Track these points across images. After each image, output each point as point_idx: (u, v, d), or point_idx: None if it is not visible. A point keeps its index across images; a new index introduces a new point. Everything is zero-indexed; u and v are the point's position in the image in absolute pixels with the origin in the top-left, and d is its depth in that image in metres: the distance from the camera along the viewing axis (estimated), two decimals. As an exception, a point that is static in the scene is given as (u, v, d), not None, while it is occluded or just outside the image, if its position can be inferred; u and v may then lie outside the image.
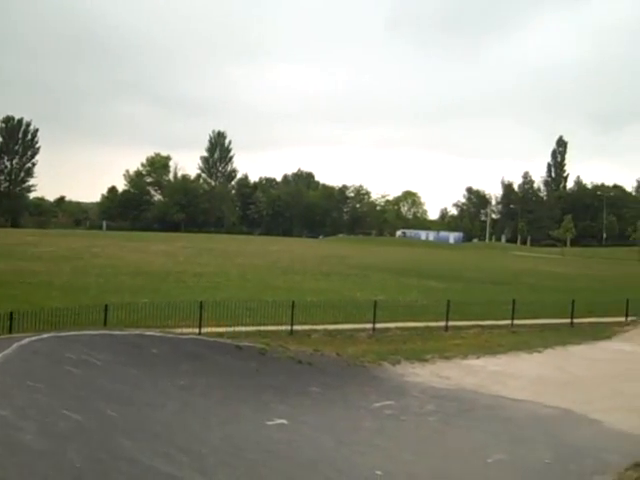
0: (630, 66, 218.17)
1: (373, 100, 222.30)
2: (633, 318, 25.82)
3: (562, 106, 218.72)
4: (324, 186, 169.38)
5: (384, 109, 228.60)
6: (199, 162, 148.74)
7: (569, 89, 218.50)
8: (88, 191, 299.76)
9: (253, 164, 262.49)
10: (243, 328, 20.17)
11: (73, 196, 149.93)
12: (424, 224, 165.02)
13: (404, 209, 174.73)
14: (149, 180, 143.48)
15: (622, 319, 26.69)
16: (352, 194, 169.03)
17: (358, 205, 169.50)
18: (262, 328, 20.63)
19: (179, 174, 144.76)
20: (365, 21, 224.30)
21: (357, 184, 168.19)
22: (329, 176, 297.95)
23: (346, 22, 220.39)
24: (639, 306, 27.13)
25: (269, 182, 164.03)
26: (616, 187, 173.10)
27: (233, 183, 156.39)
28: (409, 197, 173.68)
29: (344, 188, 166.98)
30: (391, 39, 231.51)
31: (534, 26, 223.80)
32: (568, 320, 26.56)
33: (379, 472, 9.99)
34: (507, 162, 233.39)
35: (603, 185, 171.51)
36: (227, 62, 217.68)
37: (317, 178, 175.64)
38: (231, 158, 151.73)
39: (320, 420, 12.51)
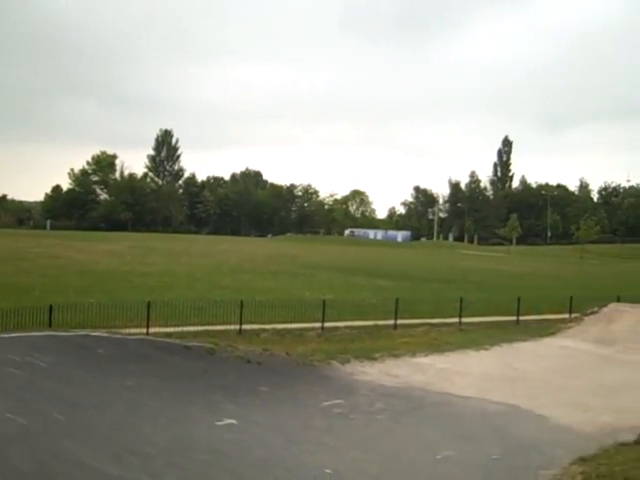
0: (575, 67, 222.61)
1: (323, 99, 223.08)
2: (576, 315, 26.29)
3: (509, 106, 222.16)
4: (272, 185, 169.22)
5: (334, 108, 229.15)
6: (146, 161, 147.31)
7: (516, 89, 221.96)
8: (31, 190, 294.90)
9: (201, 163, 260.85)
10: (191, 328, 20.02)
11: (15, 195, 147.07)
12: (372, 223, 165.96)
13: (352, 208, 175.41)
14: (95, 179, 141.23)
15: (566, 316, 27.17)
16: (300, 193, 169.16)
17: (306, 204, 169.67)
18: (210, 328, 20.49)
19: (125, 173, 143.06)
20: (318, 19, 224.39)
21: (305, 183, 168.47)
22: (277, 175, 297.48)
23: (298, 20, 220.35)
24: (582, 303, 27.63)
25: (217, 181, 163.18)
26: (560, 186, 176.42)
27: (181, 182, 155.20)
28: (357, 196, 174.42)
29: (292, 187, 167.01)
30: (343, 37, 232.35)
31: (484, 26, 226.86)
32: (514, 317, 26.96)
33: (328, 470, 10.00)
34: (455, 161, 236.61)
35: (547, 184, 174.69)
36: (177, 61, 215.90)
37: (265, 177, 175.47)
38: (178, 157, 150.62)
39: (269, 420, 12.47)
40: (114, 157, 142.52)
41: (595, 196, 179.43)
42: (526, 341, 22.42)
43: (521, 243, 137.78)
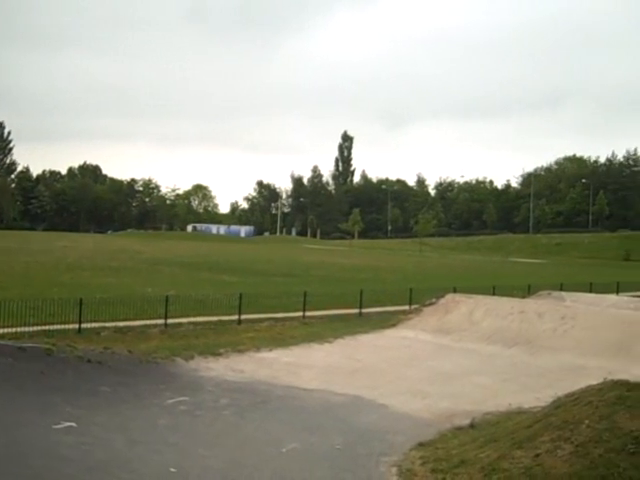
0: (415, 67, 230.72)
1: (166, 93, 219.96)
2: (416, 306, 27.22)
3: (352, 102, 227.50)
4: (112, 180, 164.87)
5: (177, 102, 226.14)
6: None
7: (359, 86, 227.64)
8: None
9: (36, 157, 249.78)
10: (27, 328, 19.07)
11: None
12: (215, 218, 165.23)
13: (195, 203, 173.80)
14: None
15: (406, 307, 28.07)
16: (141, 188, 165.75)
17: (147, 199, 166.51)
18: (48, 327, 19.60)
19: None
20: (164, 10, 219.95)
21: (146, 178, 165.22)
22: (117, 170, 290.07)
23: (144, 11, 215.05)
24: (421, 294, 28.64)
25: (53, 175, 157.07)
26: (399, 181, 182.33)
27: (13, 176, 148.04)
28: (200, 191, 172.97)
29: (133, 182, 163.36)
30: (191, 31, 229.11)
31: (329, 24, 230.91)
32: (357, 310, 27.56)
33: (173, 469, 9.85)
34: (298, 157, 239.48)
35: (388, 179, 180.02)
36: (9, 49, 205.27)
37: (105, 172, 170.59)
38: (10, 150, 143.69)
39: (112, 420, 12.12)
40: None
41: (432, 191, 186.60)
42: (368, 333, 22.98)
43: (363, 237, 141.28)
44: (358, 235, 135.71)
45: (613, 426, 8.93)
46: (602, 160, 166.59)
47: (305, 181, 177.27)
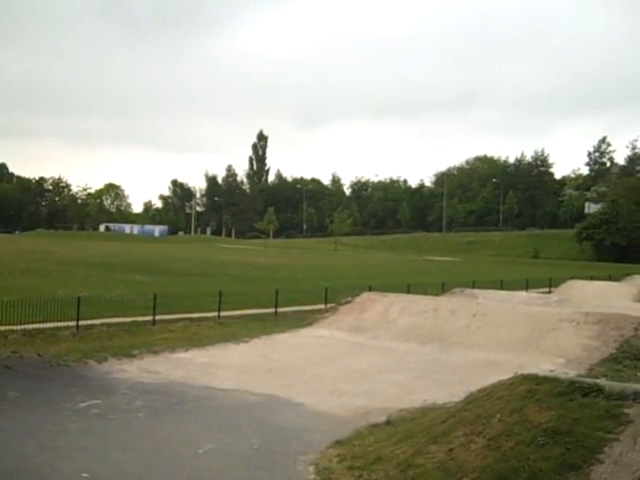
0: (330, 66, 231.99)
1: (77, 90, 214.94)
2: (332, 305, 27.35)
3: (268, 101, 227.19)
4: (19, 178, 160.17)
5: (89, 99, 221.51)
6: None
7: (274, 86, 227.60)
8: None
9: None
10: None
11: None
12: (129, 218, 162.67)
13: (107, 202, 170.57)
14: None
15: (322, 306, 28.20)
16: (51, 187, 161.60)
17: (57, 198, 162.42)
18: (-49, 333, 18.92)
19: None
20: (79, 6, 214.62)
21: (56, 176, 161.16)
22: (25, 168, 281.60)
23: (56, 4, 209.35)
24: (337, 293, 28.82)
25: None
26: (314, 180, 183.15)
27: None
28: (112, 190, 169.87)
29: (42, 181, 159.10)
30: (106, 27, 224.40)
31: (246, 23, 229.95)
32: (273, 310, 27.54)
33: (85, 474, 9.61)
34: (214, 156, 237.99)
35: (302, 178, 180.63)
36: None
37: (11, 170, 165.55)
38: None
39: (20, 426, 11.74)
40: None
41: (347, 190, 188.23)
42: (284, 332, 22.98)
43: (278, 236, 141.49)
44: (273, 234, 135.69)
45: (523, 419, 9.15)
46: (512, 160, 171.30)
47: (220, 180, 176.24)
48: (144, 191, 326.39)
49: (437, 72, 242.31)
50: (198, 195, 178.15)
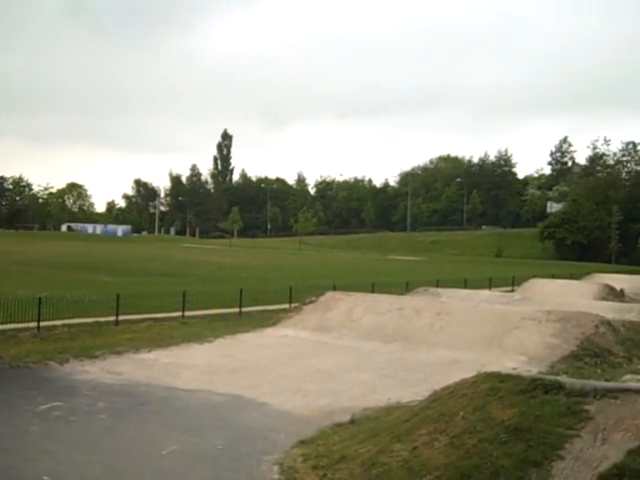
0: (296, 66, 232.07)
1: (38, 88, 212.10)
2: (296, 304, 27.35)
3: (233, 101, 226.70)
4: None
5: (50, 98, 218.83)
6: None
7: (240, 84, 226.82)
8: None
9: None
10: None
11: None
12: (91, 217, 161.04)
13: (69, 202, 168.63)
14: None
15: (287, 306, 28.18)
16: (11, 186, 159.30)
17: (18, 198, 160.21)
18: None
19: None
20: (41, 4, 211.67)
21: (16, 175, 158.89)
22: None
23: (17, 1, 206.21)
24: (302, 292, 28.83)
25: None
26: (279, 180, 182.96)
27: None
28: (74, 190, 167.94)
29: (2, 180, 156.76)
30: (69, 25, 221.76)
31: (212, 22, 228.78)
32: (237, 309, 27.46)
33: (47, 477, 9.50)
34: (179, 156, 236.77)
35: (267, 178, 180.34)
36: None
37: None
38: None
39: (-20, 429, 11.58)
40: None
41: (312, 190, 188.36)
42: (249, 332, 22.93)
43: (243, 236, 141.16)
44: (238, 234, 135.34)
45: (486, 417, 9.24)
46: (476, 160, 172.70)
47: (184, 180, 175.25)
48: (107, 191, 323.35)
49: (404, 72, 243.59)
50: (162, 195, 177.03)
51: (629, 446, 7.95)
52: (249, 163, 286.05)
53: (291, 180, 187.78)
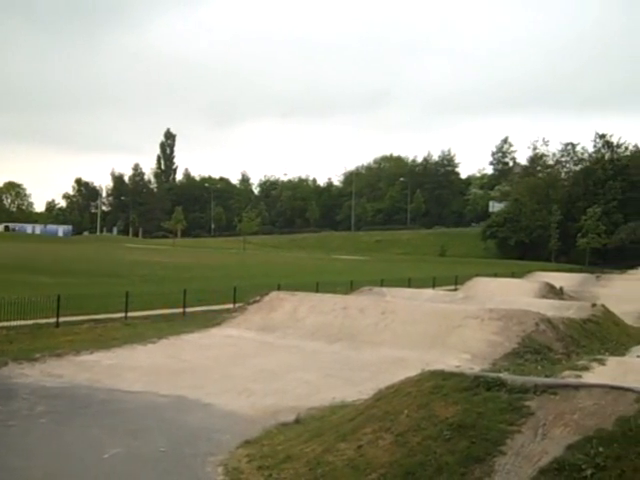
0: (241, 65, 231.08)
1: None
2: (240, 304, 27.25)
3: (177, 100, 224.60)
4: None
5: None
6: None
7: (183, 83, 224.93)
8: None
9: None
10: None
11: None
12: (31, 217, 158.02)
13: (7, 201, 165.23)
14: None
15: (231, 306, 28.06)
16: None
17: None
18: None
19: None
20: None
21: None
22: None
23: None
24: (246, 292, 28.72)
25: None
26: (223, 179, 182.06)
27: None
28: (12, 189, 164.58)
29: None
30: (10, 20, 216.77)
31: (156, 19, 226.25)
32: (181, 310, 27.23)
33: (-16, 483, 9.28)
34: (121, 155, 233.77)
35: (211, 177, 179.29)
36: None
37: None
38: None
39: None
40: None
41: (256, 189, 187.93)
42: (193, 332, 22.75)
43: (186, 236, 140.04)
44: (181, 234, 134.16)
45: (430, 414, 9.31)
46: (419, 160, 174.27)
47: (127, 179, 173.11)
48: (48, 190, 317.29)
49: (348, 72, 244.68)
50: (104, 194, 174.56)
51: (568, 441, 8.09)
52: (193, 162, 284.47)
53: (235, 180, 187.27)
